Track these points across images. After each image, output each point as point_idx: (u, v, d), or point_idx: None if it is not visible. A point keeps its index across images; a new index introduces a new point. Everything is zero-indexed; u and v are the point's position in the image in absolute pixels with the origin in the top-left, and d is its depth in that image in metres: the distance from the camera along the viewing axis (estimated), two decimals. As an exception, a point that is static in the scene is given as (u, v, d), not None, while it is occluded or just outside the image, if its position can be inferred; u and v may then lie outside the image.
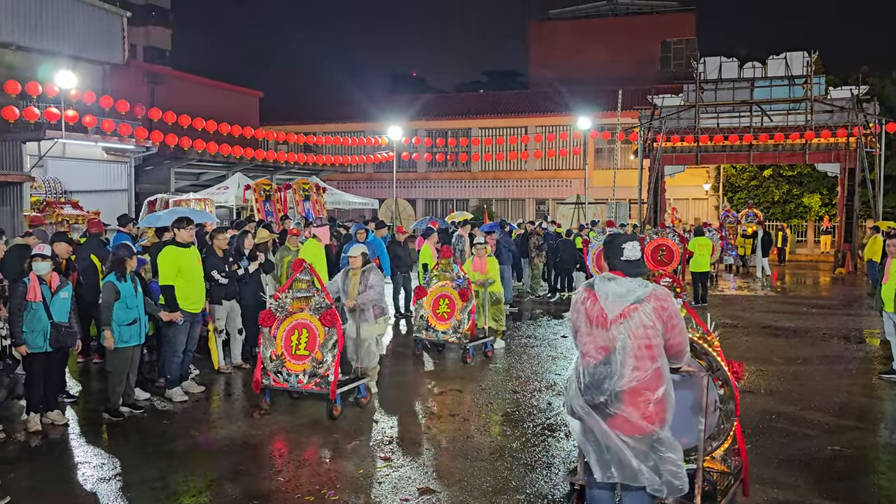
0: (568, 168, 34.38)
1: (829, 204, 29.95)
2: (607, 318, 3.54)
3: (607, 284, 3.62)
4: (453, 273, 9.42)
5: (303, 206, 19.09)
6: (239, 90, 34.71)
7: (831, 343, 10.78)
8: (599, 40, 41.46)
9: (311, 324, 6.78)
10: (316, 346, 6.74)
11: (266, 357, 6.91)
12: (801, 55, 23.01)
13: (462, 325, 9.18)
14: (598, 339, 3.57)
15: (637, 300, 3.53)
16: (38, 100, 17.62)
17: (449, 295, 9.33)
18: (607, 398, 3.48)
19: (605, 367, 3.52)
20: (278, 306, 6.92)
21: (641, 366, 3.48)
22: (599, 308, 3.58)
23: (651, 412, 3.45)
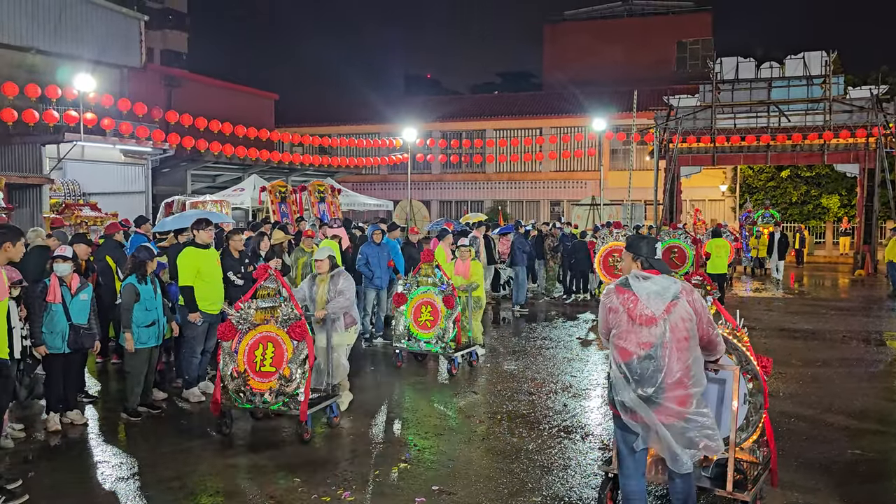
0: (583, 169, 34.24)
1: (849, 205, 29.64)
2: (652, 315, 3.78)
3: (643, 283, 3.86)
4: (436, 278, 8.85)
5: (318, 207, 19.14)
6: (254, 92, 34.92)
7: (851, 345, 10.65)
8: (614, 41, 41.27)
9: (278, 337, 6.10)
10: (283, 362, 6.06)
11: (226, 375, 6.18)
12: (820, 55, 22.79)
13: (446, 334, 8.59)
14: (640, 336, 3.80)
15: (674, 296, 3.80)
16: (58, 103, 17.82)
17: (432, 301, 8.74)
18: (655, 390, 3.75)
19: (651, 362, 3.77)
20: (240, 318, 6.20)
21: (683, 357, 3.76)
22: (642, 306, 3.80)
23: (686, 397, 3.76)
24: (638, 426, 3.82)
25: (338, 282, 6.77)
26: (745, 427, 4.58)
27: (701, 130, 24.05)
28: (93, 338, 6.54)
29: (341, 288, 6.72)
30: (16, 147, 18.25)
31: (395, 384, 8.28)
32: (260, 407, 6.12)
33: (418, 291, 8.87)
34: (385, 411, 7.16)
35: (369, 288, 10.42)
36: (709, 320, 3.91)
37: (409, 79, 59.08)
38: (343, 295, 6.68)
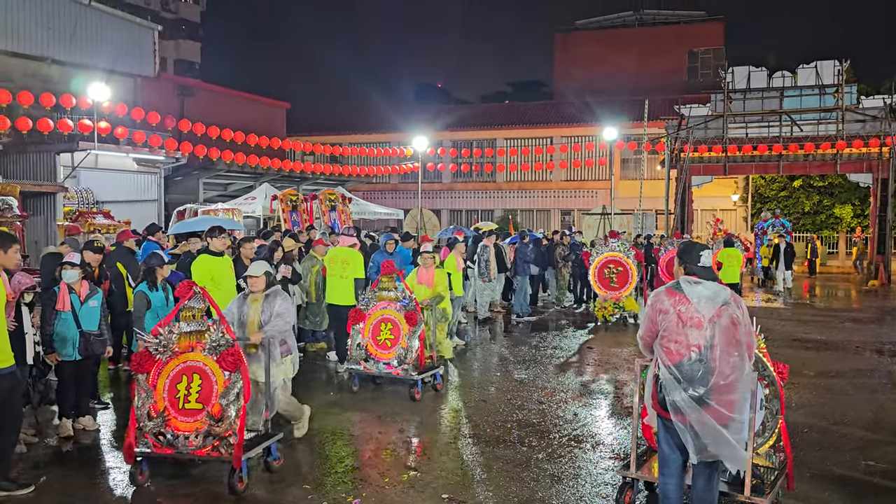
0: (593, 178, 34.19)
1: (862, 215, 29.43)
2: (703, 318, 3.92)
3: (696, 287, 4.01)
4: (398, 291, 7.96)
5: (329, 216, 19.21)
6: (266, 102, 35.14)
7: (864, 356, 10.56)
8: (626, 50, 41.28)
9: (206, 367, 5.14)
10: (213, 398, 5.11)
11: (142, 415, 5.16)
12: (832, 64, 22.69)
13: (409, 355, 7.75)
14: (690, 338, 3.93)
15: (724, 301, 3.95)
16: (72, 112, 18.01)
17: (392, 318, 7.87)
18: (706, 391, 3.88)
19: (702, 364, 3.91)
20: (160, 345, 5.20)
21: (732, 361, 3.90)
22: (693, 310, 3.95)
23: (734, 401, 3.91)
24: (685, 428, 3.92)
25: (274, 302, 5.83)
26: (761, 432, 4.66)
27: (712, 140, 23.98)
28: (104, 344, 6.57)
29: (279, 310, 5.77)
30: (31, 155, 18.46)
31: (403, 391, 8.27)
32: (184, 453, 5.13)
33: (377, 306, 7.99)
34: (394, 418, 7.15)
35: None
36: (748, 330, 4.05)
37: (420, 88, 59.27)
38: (282, 317, 5.74)
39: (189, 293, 5.28)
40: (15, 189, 14.07)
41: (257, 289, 5.91)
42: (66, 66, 21.38)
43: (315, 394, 7.94)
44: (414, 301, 7.93)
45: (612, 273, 13.50)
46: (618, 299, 13.35)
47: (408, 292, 8.00)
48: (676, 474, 4.18)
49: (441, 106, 43.33)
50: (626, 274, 13.40)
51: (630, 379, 8.98)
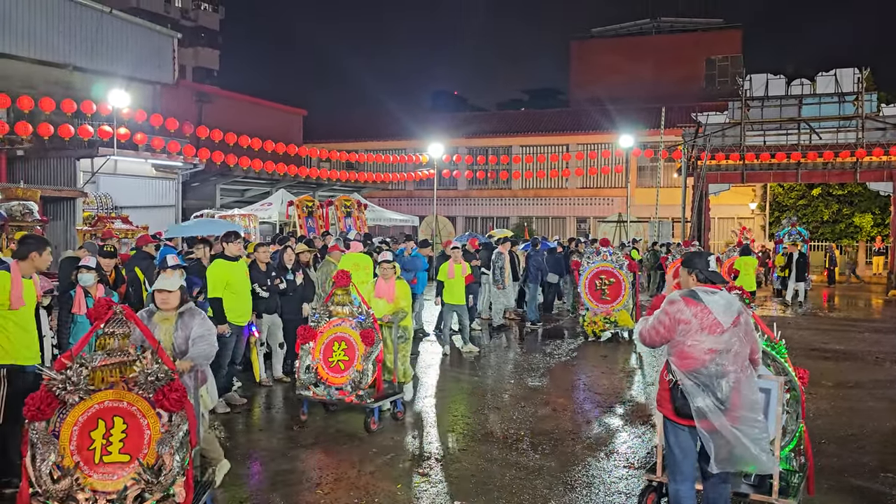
0: (610, 186, 34.07)
1: (882, 224, 29.08)
2: (721, 325, 4.02)
3: (713, 297, 4.10)
4: (353, 306, 7.08)
5: (344, 222, 19.28)
6: (283, 109, 35.39)
7: (884, 367, 10.41)
8: (643, 58, 41.17)
9: (133, 408, 4.03)
10: (144, 446, 4.02)
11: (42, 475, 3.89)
12: (852, 72, 22.49)
13: (364, 379, 6.83)
14: (710, 345, 4.02)
15: (739, 311, 4.08)
16: (92, 118, 18.22)
17: (347, 337, 6.98)
18: (724, 396, 3.96)
19: (717, 368, 4.00)
20: (67, 382, 3.97)
21: (745, 365, 4.04)
22: (713, 317, 4.04)
23: (751, 403, 3.99)
24: (707, 434, 3.97)
25: (191, 323, 4.90)
26: (782, 436, 4.70)
27: (730, 147, 23.82)
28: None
29: (200, 332, 4.88)
30: (51, 161, 18.69)
31: (412, 400, 8.25)
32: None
33: (330, 323, 7.12)
34: (407, 425, 7.14)
35: None
36: (756, 339, 4.24)
37: (436, 95, 59.45)
38: (205, 340, 4.87)
39: (106, 313, 4.11)
40: (36, 194, 14.23)
41: (169, 306, 4.91)
42: (87, 73, 21.66)
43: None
44: (371, 317, 7.02)
45: (603, 285, 12.62)
46: (608, 314, 12.41)
47: (364, 307, 7.12)
48: (689, 479, 4.20)
49: (457, 113, 43.41)
50: (619, 286, 12.49)
51: (644, 388, 8.92)
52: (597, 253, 12.98)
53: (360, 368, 6.86)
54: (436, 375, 9.57)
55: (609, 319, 12.34)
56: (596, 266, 12.67)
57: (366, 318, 7.01)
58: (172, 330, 4.89)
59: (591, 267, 12.74)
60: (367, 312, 7.06)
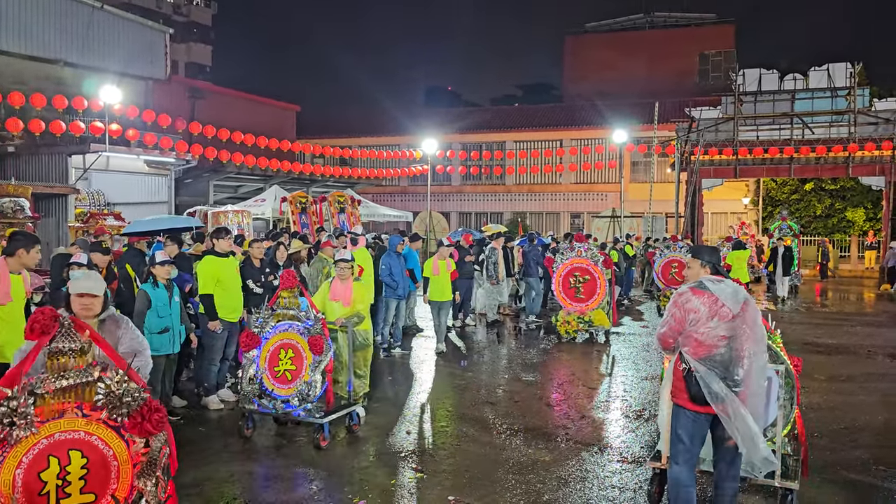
0: (603, 181, 34.13)
1: (874, 218, 29.20)
2: (730, 312, 4.19)
3: (719, 286, 4.28)
4: (300, 311, 6.35)
5: (338, 218, 19.24)
6: (276, 104, 35.29)
7: (876, 360, 10.46)
8: (636, 53, 41.23)
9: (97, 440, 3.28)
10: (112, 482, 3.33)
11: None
12: (844, 66, 22.57)
13: (312, 390, 6.18)
14: (718, 331, 4.19)
15: (745, 298, 4.24)
16: (84, 114, 18.14)
17: (294, 344, 6.27)
18: (736, 379, 4.14)
19: (728, 353, 4.18)
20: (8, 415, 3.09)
21: (754, 350, 4.18)
22: (721, 304, 4.21)
23: (756, 388, 4.19)
24: (724, 417, 4.12)
25: (116, 332, 3.98)
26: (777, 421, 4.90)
27: (723, 142, 23.88)
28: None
29: (133, 346, 3.99)
30: (43, 157, 18.60)
31: (406, 396, 8.26)
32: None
33: (276, 330, 6.38)
34: (402, 421, 7.14)
35: (392, 298, 10.46)
36: (764, 332, 4.36)
37: (430, 91, 59.35)
38: (142, 357, 4.00)
39: (52, 327, 3.28)
40: (27, 190, 14.16)
41: (91, 313, 3.92)
42: (79, 69, 21.56)
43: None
44: (321, 322, 6.29)
45: (578, 282, 11.80)
46: (583, 312, 11.64)
47: (313, 311, 6.36)
48: (690, 463, 4.37)
49: (451, 109, 43.36)
50: (594, 283, 11.70)
51: (639, 382, 8.94)
52: (571, 248, 12.24)
53: (308, 380, 6.16)
54: (430, 371, 9.57)
55: (583, 319, 11.61)
56: (569, 262, 11.94)
57: (314, 323, 6.27)
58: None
59: (564, 263, 12.01)
60: (315, 317, 6.30)
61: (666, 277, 15.56)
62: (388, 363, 10.02)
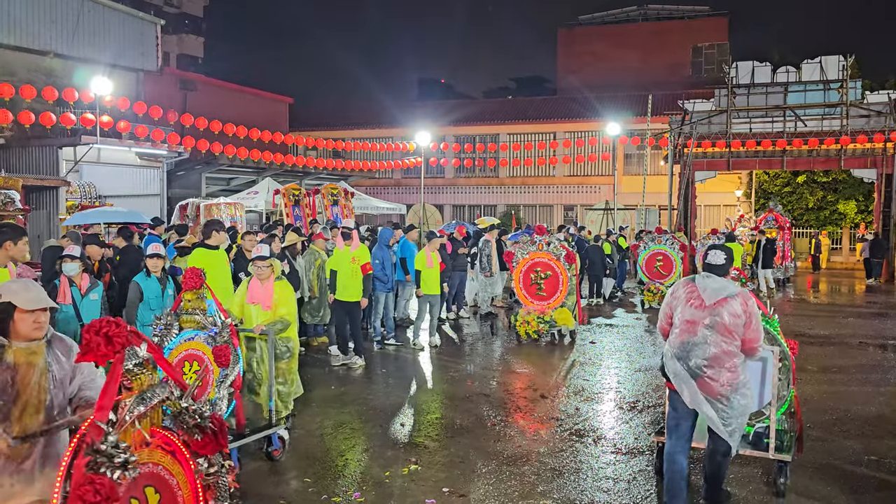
0: (597, 174, 34.14)
1: (866, 211, 29.34)
2: (704, 303, 4.51)
3: (707, 280, 4.59)
4: (205, 316, 5.32)
5: (331, 210, 19.17)
6: (269, 96, 35.13)
7: (867, 352, 10.52)
8: (629, 46, 41.16)
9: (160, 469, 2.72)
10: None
11: None
12: (837, 59, 22.62)
13: (219, 409, 5.05)
14: (686, 315, 4.55)
15: (729, 295, 4.49)
16: (75, 106, 17.99)
17: (199, 355, 5.29)
18: (696, 364, 4.46)
19: (698, 341, 4.48)
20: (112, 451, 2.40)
21: (724, 344, 4.44)
22: (698, 295, 4.55)
23: (724, 380, 4.42)
24: (686, 394, 4.51)
25: (65, 355, 3.23)
26: (775, 400, 5.12)
27: (716, 135, 23.91)
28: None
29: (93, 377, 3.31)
30: (33, 149, 18.46)
31: (400, 388, 8.25)
32: None
33: (180, 339, 5.35)
34: (395, 413, 7.13)
35: (382, 291, 10.44)
36: (756, 328, 4.50)
37: (423, 83, 59.21)
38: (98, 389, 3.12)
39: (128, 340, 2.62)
40: (17, 183, 14.05)
41: (42, 333, 3.18)
42: (69, 61, 21.38)
43: (317, 387, 7.94)
44: (228, 329, 5.25)
45: (539, 278, 10.90)
46: (543, 311, 10.77)
47: (220, 317, 5.35)
48: (683, 438, 4.65)
49: (444, 101, 43.24)
50: (556, 280, 10.81)
51: (633, 374, 8.96)
52: (532, 242, 11.23)
53: (213, 397, 5.07)
54: (423, 363, 9.57)
55: (544, 318, 10.70)
56: (529, 256, 11.02)
57: (220, 330, 5.21)
58: (41, 369, 3.11)
59: (524, 257, 11.06)
60: (222, 323, 5.26)
61: (650, 271, 15.19)
62: (381, 355, 10.01)
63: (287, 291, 6.30)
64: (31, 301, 3.12)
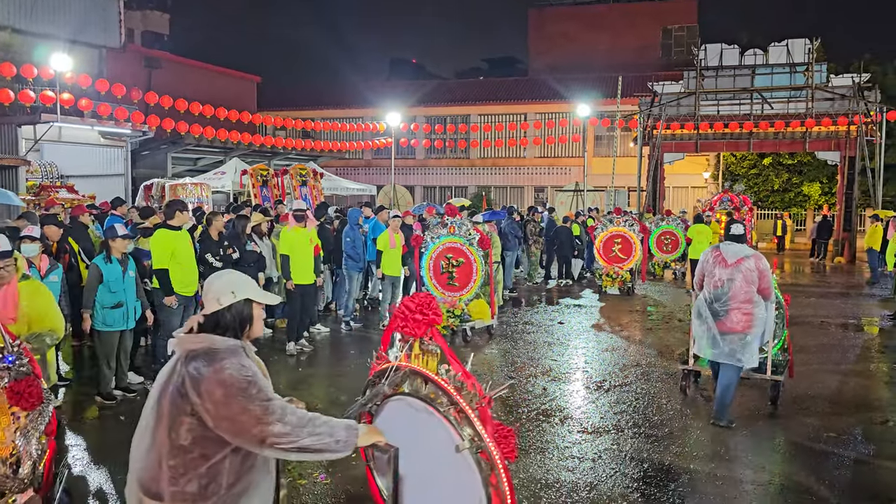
0: (567, 155, 34.24)
1: (829, 193, 29.88)
2: (727, 262, 6.18)
3: (729, 246, 6.30)
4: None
5: (300, 191, 18.99)
6: (236, 75, 34.53)
7: (829, 331, 10.74)
8: (600, 27, 41.17)
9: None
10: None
11: None
12: (803, 42, 22.87)
13: (23, 470, 3.47)
14: (720, 274, 6.20)
15: (745, 255, 6.17)
16: (34, 83, 17.46)
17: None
18: (722, 307, 6.13)
19: (724, 291, 6.14)
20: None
21: (743, 292, 6.08)
22: (723, 258, 6.23)
23: (738, 320, 6.08)
24: (705, 332, 6.28)
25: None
26: (773, 338, 6.74)
27: (684, 117, 24.09)
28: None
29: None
30: (-9, 127, 17.94)
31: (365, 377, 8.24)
32: None
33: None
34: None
35: (354, 270, 10.40)
36: (768, 280, 6.14)
37: (394, 63, 58.58)
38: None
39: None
40: (-26, 162, 13.67)
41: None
42: (28, 36, 20.70)
43: (283, 371, 7.87)
44: (26, 357, 3.57)
45: (451, 266, 9.62)
46: (453, 305, 9.46)
47: (7, 339, 3.56)
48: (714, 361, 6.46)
49: (415, 81, 42.90)
50: (469, 268, 9.55)
51: (600, 354, 9.05)
52: (442, 225, 9.89)
53: (5, 455, 3.42)
54: (392, 344, 9.54)
55: (454, 312, 9.46)
56: (441, 242, 9.73)
57: (16, 359, 3.49)
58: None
59: (435, 244, 9.75)
60: (17, 349, 3.53)
61: (608, 255, 13.94)
62: (349, 337, 9.97)
63: (41, 298, 4.79)
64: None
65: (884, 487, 5.03)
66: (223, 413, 2.39)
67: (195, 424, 2.42)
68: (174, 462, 2.43)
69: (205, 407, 2.40)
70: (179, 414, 2.43)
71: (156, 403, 2.52)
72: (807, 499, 4.79)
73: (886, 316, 11.87)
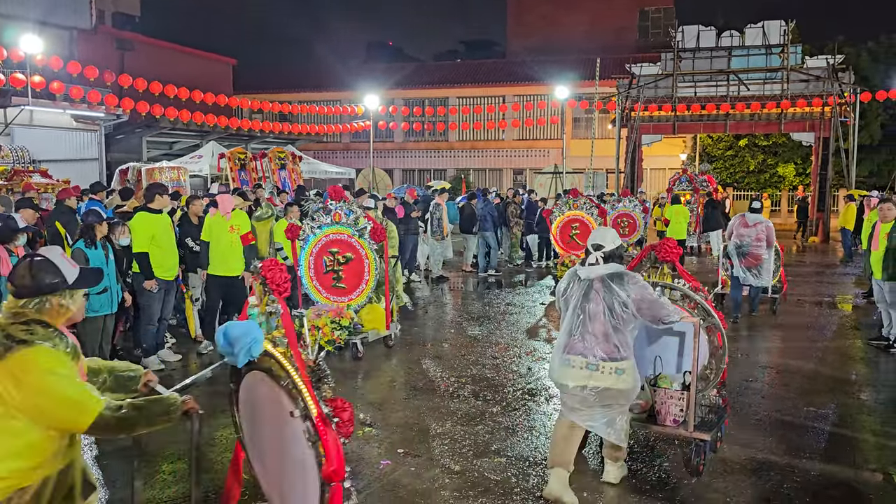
0: (545, 138, 34.28)
1: (804, 174, 30.26)
2: (748, 224, 9.48)
3: (749, 215, 9.57)
4: None
5: (278, 174, 18.83)
6: (211, 57, 34.01)
7: (804, 309, 10.93)
8: (577, 9, 41.07)
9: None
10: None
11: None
12: (779, 24, 23.04)
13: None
14: (745, 233, 9.47)
15: (759, 221, 9.48)
16: (3, 65, 17.06)
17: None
18: (746, 250, 9.48)
19: (748, 239, 9.44)
20: None
21: (760, 244, 9.45)
22: (745, 222, 9.51)
23: (756, 258, 9.51)
24: (738, 265, 9.61)
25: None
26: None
27: (662, 99, 24.21)
28: None
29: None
30: (-41, 111, 17.53)
31: (350, 359, 8.24)
32: None
33: None
34: (350, 376, 7.12)
35: None
36: (771, 235, 9.53)
37: (371, 45, 57.99)
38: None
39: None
40: (-57, 146, 13.35)
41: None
42: (-5, 17, 20.22)
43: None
44: None
45: (336, 264, 7.83)
46: (340, 312, 7.50)
47: None
48: (738, 288, 9.76)
49: (393, 64, 42.58)
50: (360, 265, 7.78)
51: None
52: (325, 211, 7.92)
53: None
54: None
55: (341, 324, 7.42)
56: (324, 233, 7.89)
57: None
58: None
59: (316, 235, 7.90)
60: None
61: (564, 241, 12.72)
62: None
63: None
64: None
65: (861, 460, 5.15)
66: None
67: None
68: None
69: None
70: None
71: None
72: (788, 471, 4.90)
73: (860, 294, 12.10)
